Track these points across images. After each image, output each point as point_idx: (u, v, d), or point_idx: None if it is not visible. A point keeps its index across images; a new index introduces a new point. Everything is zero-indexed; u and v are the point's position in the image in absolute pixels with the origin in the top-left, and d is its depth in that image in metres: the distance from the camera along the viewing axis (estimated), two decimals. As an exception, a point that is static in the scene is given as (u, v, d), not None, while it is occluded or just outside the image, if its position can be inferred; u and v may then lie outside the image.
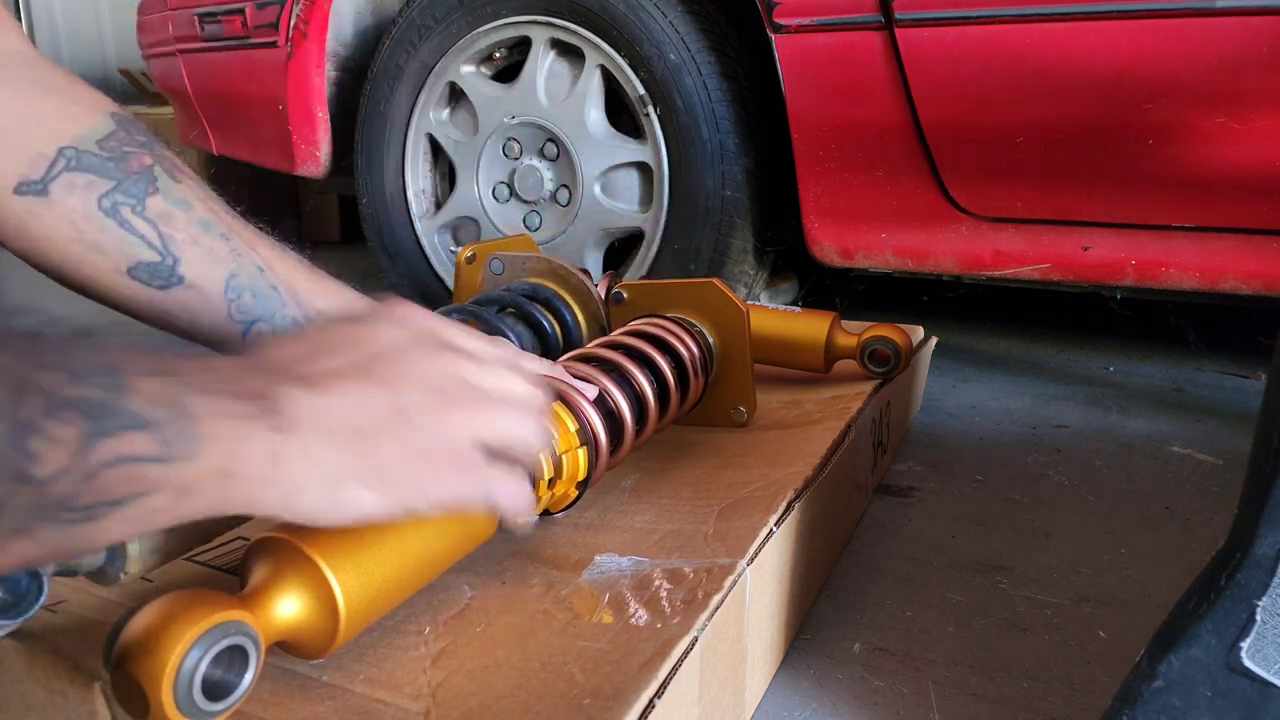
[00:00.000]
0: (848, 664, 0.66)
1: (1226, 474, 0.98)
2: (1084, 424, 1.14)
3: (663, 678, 0.45)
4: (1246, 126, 0.93)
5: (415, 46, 1.43)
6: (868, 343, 0.90)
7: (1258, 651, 0.39)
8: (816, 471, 0.70)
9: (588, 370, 0.64)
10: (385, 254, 1.56)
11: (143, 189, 0.51)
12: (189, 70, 1.73)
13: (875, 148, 1.12)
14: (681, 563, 0.56)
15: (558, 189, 1.40)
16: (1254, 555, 0.40)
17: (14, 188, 0.49)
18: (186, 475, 0.33)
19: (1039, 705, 0.61)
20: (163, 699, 0.34)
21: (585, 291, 0.85)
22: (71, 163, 0.50)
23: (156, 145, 0.53)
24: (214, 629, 0.36)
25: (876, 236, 1.17)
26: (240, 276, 0.53)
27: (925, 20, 1.02)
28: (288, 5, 1.47)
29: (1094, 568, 0.79)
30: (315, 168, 1.57)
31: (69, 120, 0.51)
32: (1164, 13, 0.93)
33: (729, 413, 0.82)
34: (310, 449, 0.37)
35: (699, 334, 0.79)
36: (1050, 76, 0.99)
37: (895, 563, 0.80)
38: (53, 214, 0.50)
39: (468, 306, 0.81)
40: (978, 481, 0.97)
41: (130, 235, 0.51)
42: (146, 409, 0.32)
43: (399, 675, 0.46)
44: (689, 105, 1.24)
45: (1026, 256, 1.10)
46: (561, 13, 1.31)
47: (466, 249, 0.93)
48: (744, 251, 1.29)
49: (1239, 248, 1.00)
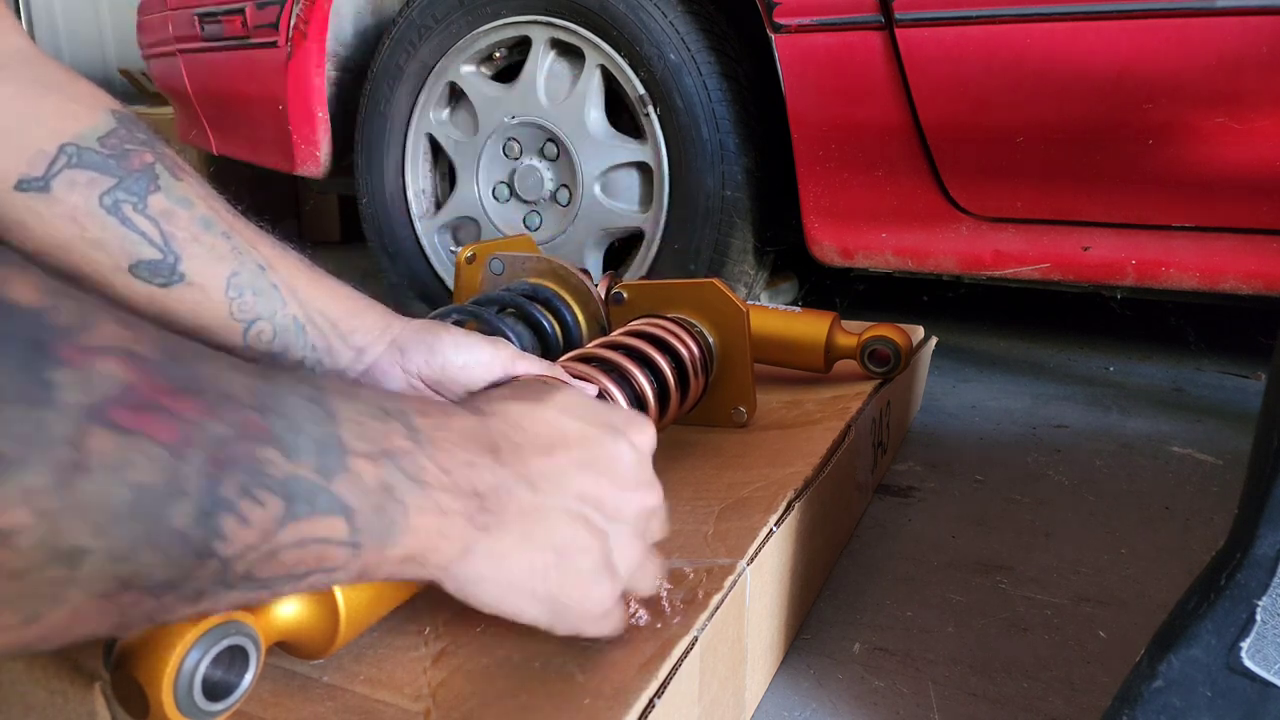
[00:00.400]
0: (848, 664, 0.66)
1: (1226, 474, 0.98)
2: (1084, 424, 1.14)
3: (663, 677, 0.45)
4: (1246, 126, 0.93)
5: (415, 46, 1.43)
6: (868, 343, 0.90)
7: (1258, 651, 0.39)
8: (816, 471, 0.70)
9: (588, 370, 0.64)
10: (385, 254, 1.56)
11: (144, 186, 0.51)
12: (189, 70, 1.73)
13: (875, 148, 1.12)
14: (681, 563, 0.56)
15: (558, 189, 1.40)
16: (1254, 555, 0.40)
17: (15, 184, 0.49)
18: (373, 561, 0.33)
19: (1039, 705, 0.61)
20: (163, 699, 0.34)
21: (585, 291, 0.85)
22: (73, 160, 0.50)
23: (157, 143, 0.53)
24: (214, 629, 0.36)
25: (876, 236, 1.17)
26: (241, 275, 0.53)
27: (925, 20, 1.02)
28: (288, 5, 1.47)
29: (1094, 568, 0.79)
30: (315, 168, 1.57)
31: (70, 117, 0.50)
32: (1164, 13, 0.93)
33: (729, 413, 0.82)
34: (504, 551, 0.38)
35: (699, 334, 0.79)
36: (1050, 76, 0.99)
37: (895, 563, 0.80)
38: (54, 211, 0.49)
39: (468, 306, 0.81)
40: (978, 481, 0.97)
41: (132, 233, 0.51)
42: (354, 496, 0.31)
43: (399, 675, 0.46)
44: (689, 105, 1.24)
45: (1026, 256, 1.10)
46: (561, 13, 1.31)
47: (466, 249, 0.93)
48: (744, 251, 1.29)
49: (1239, 248, 1.00)
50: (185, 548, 0.26)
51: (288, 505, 0.29)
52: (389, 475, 0.33)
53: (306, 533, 0.30)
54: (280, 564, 0.30)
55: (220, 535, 0.27)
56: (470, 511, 0.36)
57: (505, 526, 0.37)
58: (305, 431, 0.30)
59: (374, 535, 0.32)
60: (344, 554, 0.31)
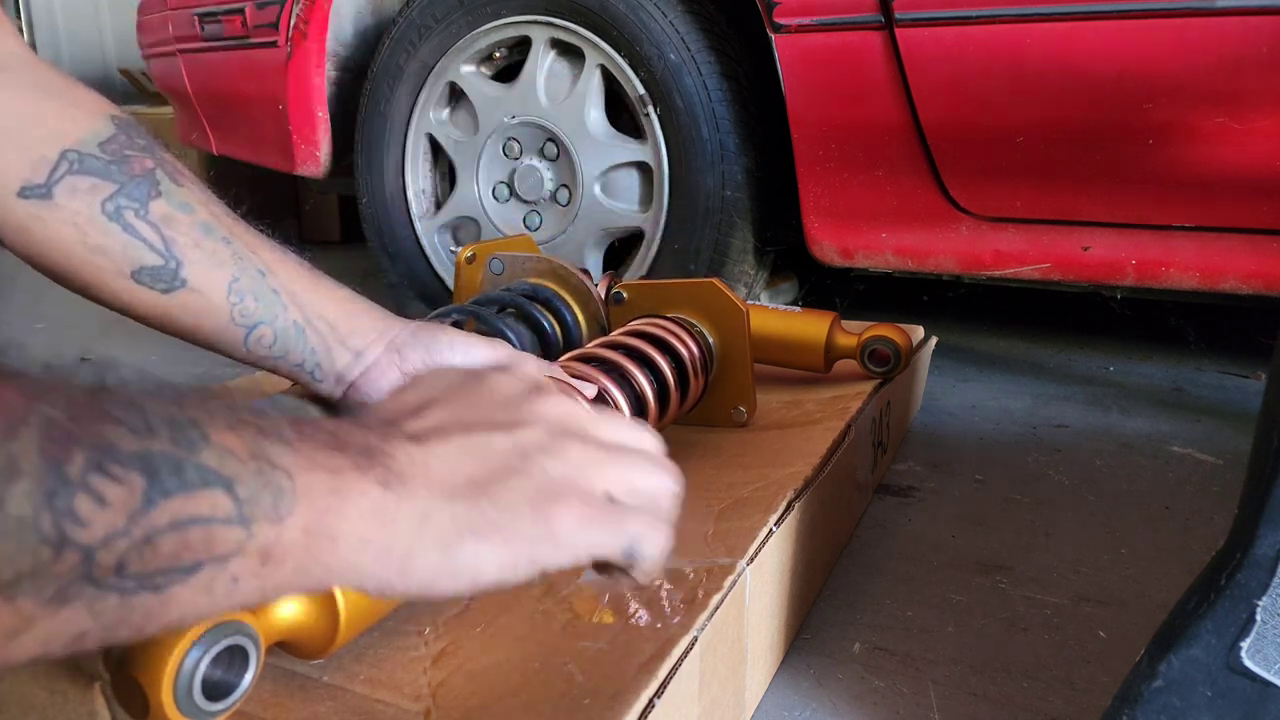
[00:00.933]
0: (848, 664, 0.66)
1: (1226, 474, 0.98)
2: (1084, 424, 1.14)
3: (663, 677, 0.45)
4: (1246, 126, 0.93)
5: (415, 46, 1.43)
6: (868, 343, 0.90)
7: (1258, 651, 0.39)
8: (816, 471, 0.70)
9: (588, 370, 0.64)
10: (385, 254, 1.56)
11: (145, 192, 0.51)
12: (189, 70, 1.73)
13: (875, 147, 1.12)
14: (681, 563, 0.56)
15: (558, 189, 1.40)
16: (1254, 555, 0.40)
17: (17, 191, 0.49)
18: (270, 538, 0.28)
19: (1039, 705, 0.61)
20: (163, 699, 0.34)
21: (585, 291, 0.85)
22: (74, 166, 0.50)
23: (157, 148, 0.53)
24: (214, 629, 0.36)
25: (876, 236, 1.17)
26: (242, 280, 0.53)
27: (925, 20, 1.02)
28: (288, 5, 1.47)
29: (1094, 568, 0.79)
30: (315, 168, 1.57)
31: (70, 123, 0.51)
32: (1164, 13, 0.93)
33: (729, 413, 0.82)
34: (421, 503, 0.32)
35: (699, 334, 0.79)
36: (1050, 76, 0.99)
37: (895, 563, 0.80)
38: (56, 217, 0.50)
39: (468, 306, 0.81)
40: (978, 481, 0.97)
41: (133, 239, 0.51)
42: (225, 463, 0.28)
43: (399, 675, 0.46)
44: (689, 105, 1.24)
45: (1026, 256, 1.10)
46: (561, 12, 1.31)
47: (466, 249, 0.93)
48: (744, 251, 1.29)
49: (1239, 248, 1.00)
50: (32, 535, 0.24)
51: (150, 480, 0.26)
52: (255, 444, 0.29)
53: (182, 511, 0.26)
54: (159, 553, 0.26)
55: (74, 518, 0.24)
56: (361, 464, 0.32)
57: (410, 477, 0.33)
58: (152, 412, 0.27)
59: (263, 507, 0.28)
60: (235, 535, 0.28)
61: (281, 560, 0.29)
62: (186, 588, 0.27)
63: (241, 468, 0.28)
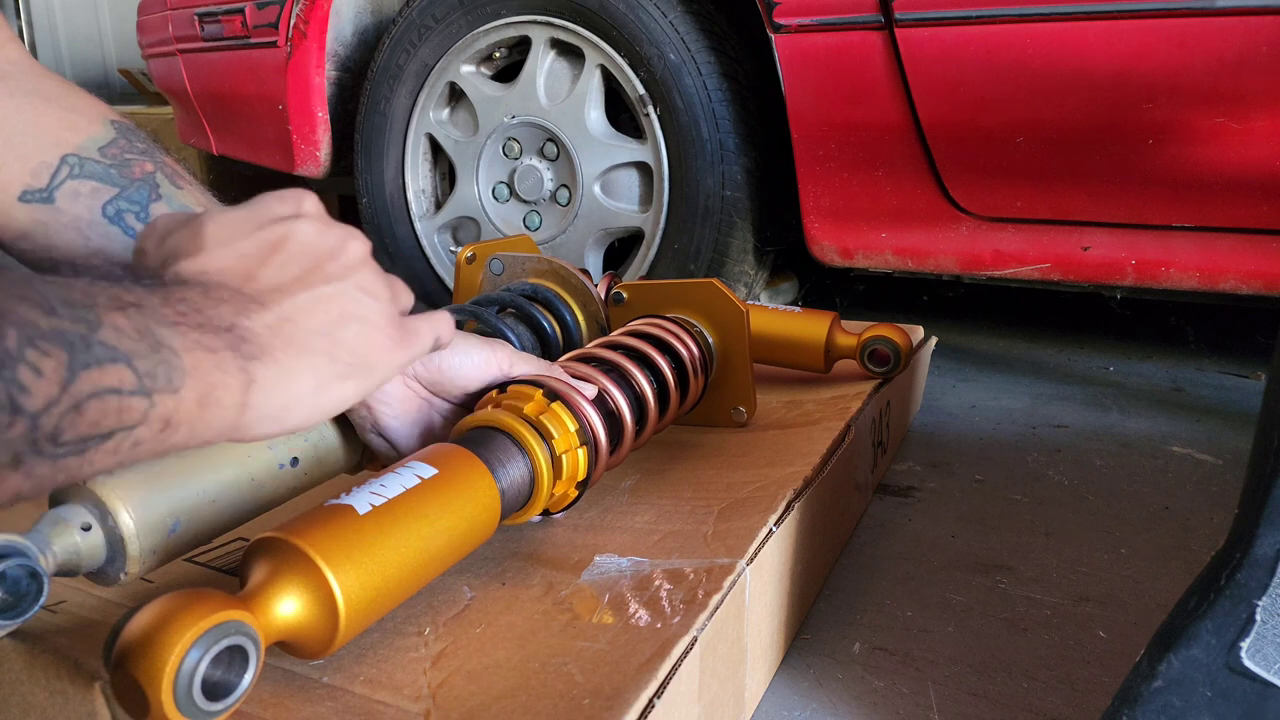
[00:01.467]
0: (848, 664, 0.66)
1: (1226, 474, 0.98)
2: (1084, 424, 1.14)
3: (662, 677, 0.45)
4: (1246, 126, 0.93)
5: (415, 46, 1.43)
6: (868, 343, 0.90)
7: (1258, 651, 0.39)
8: (816, 471, 0.70)
9: (587, 370, 0.64)
10: (385, 254, 1.56)
11: (145, 195, 0.51)
12: (189, 70, 1.73)
13: (875, 147, 1.12)
14: (681, 563, 0.56)
15: (558, 189, 1.40)
16: (1254, 555, 0.40)
17: (18, 196, 0.49)
18: (168, 407, 0.33)
19: (1039, 705, 0.61)
20: (163, 699, 0.34)
21: (585, 291, 0.85)
22: (75, 170, 0.50)
23: (156, 152, 0.54)
24: (214, 629, 0.36)
25: (876, 236, 1.17)
26: None
27: (925, 20, 1.02)
28: (288, 5, 1.47)
29: (1094, 568, 0.79)
30: (315, 168, 1.57)
31: (70, 128, 0.51)
32: (1164, 13, 0.93)
33: (729, 413, 0.82)
34: (287, 365, 0.38)
35: (699, 334, 0.79)
36: (1050, 76, 0.99)
37: (895, 563, 0.80)
38: (58, 221, 0.50)
39: (468, 306, 0.81)
40: (977, 481, 0.97)
41: (135, 241, 0.51)
42: (124, 342, 0.32)
43: (399, 676, 0.46)
44: (689, 105, 1.24)
45: (1026, 256, 1.10)
46: (561, 13, 1.31)
47: (466, 249, 0.93)
48: (744, 251, 1.29)
49: (1239, 248, 1.00)
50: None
51: (70, 354, 0.30)
52: (141, 323, 0.33)
53: (99, 382, 0.31)
54: (85, 419, 0.30)
55: (19, 386, 0.28)
56: (232, 343, 0.36)
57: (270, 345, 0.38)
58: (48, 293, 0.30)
59: (159, 380, 0.33)
60: (141, 404, 0.32)
61: (177, 426, 0.34)
62: (100, 451, 0.32)
63: (135, 344, 0.32)
